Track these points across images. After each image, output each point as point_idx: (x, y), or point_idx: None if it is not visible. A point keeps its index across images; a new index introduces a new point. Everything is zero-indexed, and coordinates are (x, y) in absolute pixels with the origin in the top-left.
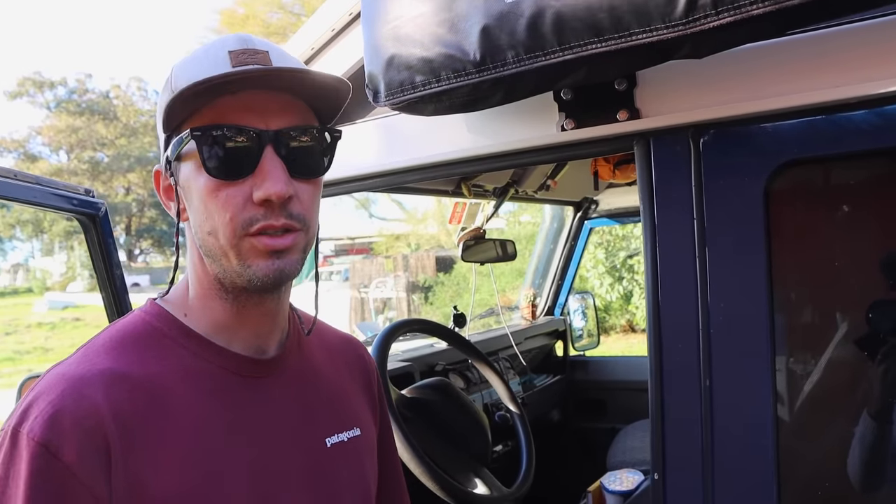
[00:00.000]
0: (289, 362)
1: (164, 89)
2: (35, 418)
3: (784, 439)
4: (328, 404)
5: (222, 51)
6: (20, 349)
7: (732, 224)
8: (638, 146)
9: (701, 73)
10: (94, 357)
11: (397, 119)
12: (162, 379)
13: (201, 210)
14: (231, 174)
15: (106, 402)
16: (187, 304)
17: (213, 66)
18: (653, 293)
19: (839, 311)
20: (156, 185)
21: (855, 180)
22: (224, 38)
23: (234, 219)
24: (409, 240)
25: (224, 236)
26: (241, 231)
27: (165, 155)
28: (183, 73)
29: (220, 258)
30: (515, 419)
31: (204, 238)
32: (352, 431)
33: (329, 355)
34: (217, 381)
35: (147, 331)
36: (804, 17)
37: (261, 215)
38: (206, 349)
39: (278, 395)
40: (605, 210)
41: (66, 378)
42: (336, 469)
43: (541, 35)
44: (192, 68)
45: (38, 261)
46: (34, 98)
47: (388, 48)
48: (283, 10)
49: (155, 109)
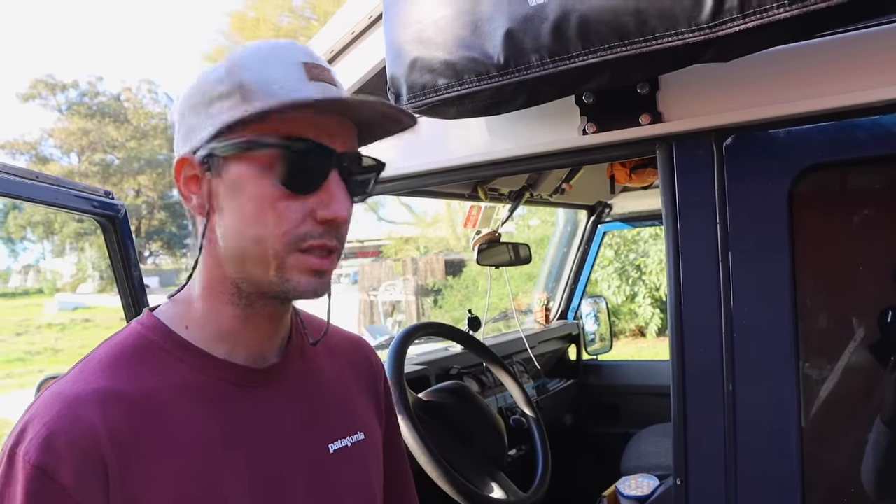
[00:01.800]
0: (290, 368)
1: (218, 79)
2: (31, 440)
3: (808, 444)
4: (331, 409)
5: (293, 59)
6: (31, 350)
7: (755, 228)
8: (660, 150)
9: (724, 76)
10: (90, 375)
11: (419, 122)
12: (158, 395)
13: (251, 215)
14: (301, 188)
15: (102, 422)
16: (191, 312)
17: (288, 72)
18: (675, 297)
19: (863, 316)
20: (177, 172)
21: (880, 184)
22: (291, 45)
23: (288, 232)
24: (418, 243)
25: (272, 247)
26: (293, 246)
27: (208, 147)
28: (253, 70)
29: (255, 266)
30: (531, 423)
31: (242, 242)
32: (356, 436)
33: (333, 358)
34: (215, 393)
35: (143, 345)
36: (830, 21)
37: (317, 234)
38: (205, 362)
39: (278, 403)
40: (619, 214)
41: (62, 398)
42: (339, 475)
43: (565, 38)
44: (266, 69)
45: (49, 262)
46: (46, 100)
47: (410, 51)
48: (294, 14)
49: (167, 112)
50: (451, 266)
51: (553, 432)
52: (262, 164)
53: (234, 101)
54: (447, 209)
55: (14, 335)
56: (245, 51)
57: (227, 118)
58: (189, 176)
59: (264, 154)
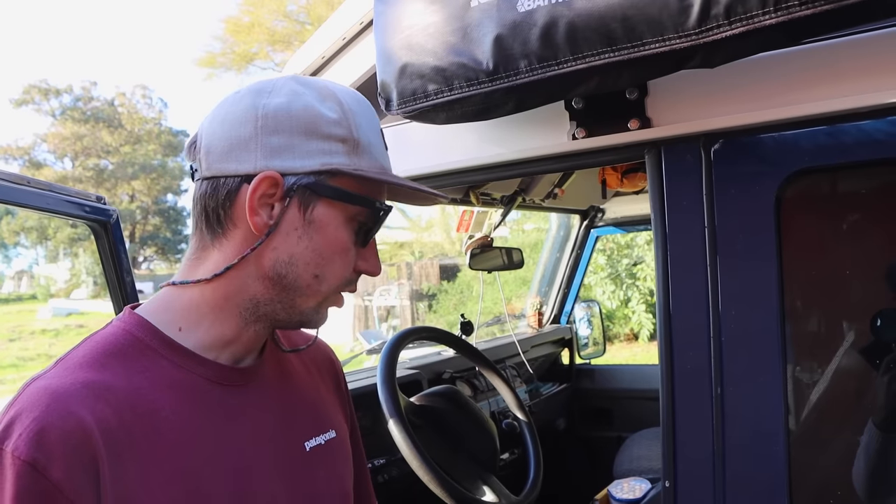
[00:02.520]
0: (266, 369)
1: (333, 119)
2: (20, 435)
3: (796, 447)
4: (304, 408)
5: (378, 124)
6: (24, 356)
7: (743, 233)
8: (649, 155)
9: (712, 82)
10: (77, 370)
11: (408, 127)
12: (146, 391)
13: (322, 253)
14: (365, 243)
15: (92, 417)
16: (190, 315)
17: (379, 139)
18: (664, 301)
19: (850, 320)
20: (255, 188)
21: (866, 190)
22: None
23: (343, 277)
24: (412, 247)
25: (328, 286)
26: (340, 288)
27: (308, 179)
28: (364, 130)
29: (301, 296)
30: (523, 427)
31: (301, 273)
32: (328, 434)
33: (300, 359)
34: (200, 390)
35: (129, 342)
36: (815, 28)
37: (353, 280)
38: (189, 360)
39: (258, 402)
40: (612, 218)
41: (50, 392)
42: (315, 472)
43: (554, 44)
44: (368, 128)
45: (43, 267)
46: (39, 105)
47: (400, 57)
48: (288, 19)
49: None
50: (445, 271)
51: (545, 436)
52: (349, 215)
53: (348, 147)
54: (441, 214)
55: (7, 341)
56: (349, 96)
57: (338, 164)
58: (266, 194)
59: (356, 208)
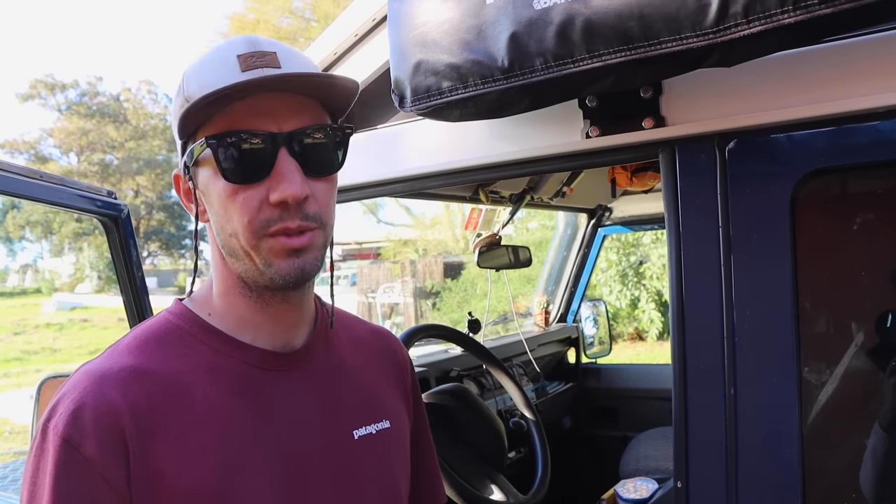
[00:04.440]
0: (314, 354)
1: (176, 95)
2: (60, 414)
3: (809, 448)
4: (356, 396)
5: (231, 55)
6: (28, 349)
7: (758, 232)
8: (663, 154)
9: (727, 81)
10: (118, 356)
11: (421, 124)
12: (182, 375)
13: (221, 213)
14: (247, 178)
15: (123, 399)
16: (211, 303)
17: (223, 71)
18: (677, 300)
19: (864, 321)
20: (176, 188)
21: (882, 190)
22: (232, 41)
23: (252, 221)
24: (416, 245)
25: (244, 238)
26: (260, 232)
27: (183, 160)
28: (194, 80)
29: (244, 258)
30: (531, 426)
31: (226, 239)
32: (381, 423)
33: (357, 347)
34: (239, 375)
35: (170, 329)
36: (834, 27)
37: (277, 217)
38: (228, 345)
39: (303, 388)
40: (619, 217)
41: (89, 375)
42: (362, 461)
43: (570, 42)
44: (203, 75)
45: (47, 261)
46: (46, 100)
47: (415, 53)
48: (294, 15)
49: (166, 112)
50: (449, 268)
51: (552, 435)
52: (212, 165)
53: (185, 110)
54: (446, 211)
55: (12, 335)
56: (195, 62)
57: (177, 130)
58: (185, 189)
59: (209, 156)
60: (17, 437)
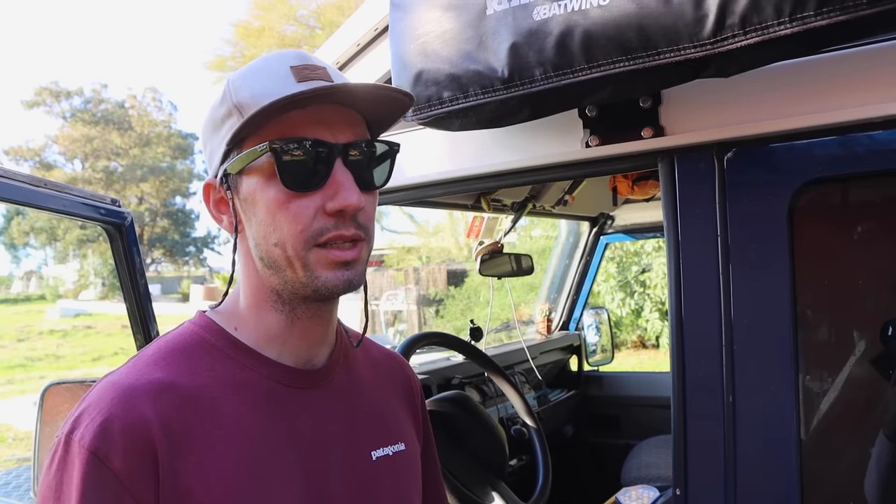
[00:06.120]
0: (336, 374)
1: (219, 104)
2: (86, 426)
3: (807, 456)
4: (374, 417)
5: (283, 66)
6: (32, 356)
7: (756, 241)
8: (662, 163)
9: (726, 91)
10: (144, 368)
11: (422, 133)
12: (210, 390)
13: (268, 222)
14: (305, 186)
15: (154, 413)
16: (238, 316)
17: (277, 81)
18: (676, 309)
19: (862, 329)
20: (205, 198)
21: (879, 199)
22: (283, 54)
23: (304, 230)
24: (420, 252)
25: (292, 247)
26: (311, 242)
27: (223, 168)
28: (245, 89)
29: (285, 269)
30: (532, 433)
31: (268, 249)
32: (396, 446)
33: (374, 369)
34: (265, 391)
35: (196, 342)
36: (830, 38)
37: (332, 226)
38: (255, 360)
39: (325, 407)
40: (621, 226)
41: (117, 387)
42: (380, 482)
43: (569, 53)
44: (256, 84)
45: (52, 268)
46: (50, 107)
47: (416, 64)
48: (299, 23)
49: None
50: (452, 276)
51: (554, 443)
52: (265, 173)
53: (234, 120)
54: (449, 219)
55: (16, 341)
56: (239, 70)
57: (228, 138)
58: (217, 199)
59: (264, 162)
60: (20, 444)
